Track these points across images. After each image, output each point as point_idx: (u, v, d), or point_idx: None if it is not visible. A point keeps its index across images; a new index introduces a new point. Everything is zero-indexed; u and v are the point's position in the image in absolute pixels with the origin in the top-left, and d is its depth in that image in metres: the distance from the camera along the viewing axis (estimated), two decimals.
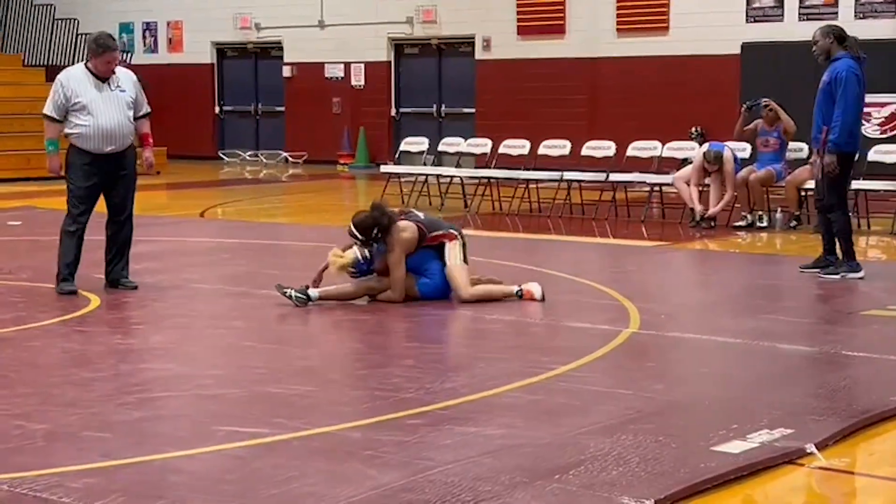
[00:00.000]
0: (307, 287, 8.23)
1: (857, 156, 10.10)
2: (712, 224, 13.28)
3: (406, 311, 8.21)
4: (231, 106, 25.58)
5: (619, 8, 20.62)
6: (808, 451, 5.08)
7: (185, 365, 6.67)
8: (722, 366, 6.79)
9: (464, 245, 8.51)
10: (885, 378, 6.36)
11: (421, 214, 8.74)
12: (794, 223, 13.18)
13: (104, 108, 8.83)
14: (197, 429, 5.36)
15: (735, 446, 5.10)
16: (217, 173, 22.88)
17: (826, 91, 9.52)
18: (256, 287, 8.92)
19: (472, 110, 22.33)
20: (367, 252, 8.35)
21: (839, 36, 9.68)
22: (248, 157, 25.07)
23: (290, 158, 24.39)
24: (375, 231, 8.33)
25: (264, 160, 24.79)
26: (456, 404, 5.79)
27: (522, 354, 6.94)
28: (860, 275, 9.52)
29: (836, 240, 9.67)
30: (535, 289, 8.48)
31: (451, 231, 8.53)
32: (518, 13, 21.52)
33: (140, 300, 8.64)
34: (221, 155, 25.34)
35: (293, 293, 8.17)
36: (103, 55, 8.85)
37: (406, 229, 8.38)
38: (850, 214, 12.40)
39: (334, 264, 8.29)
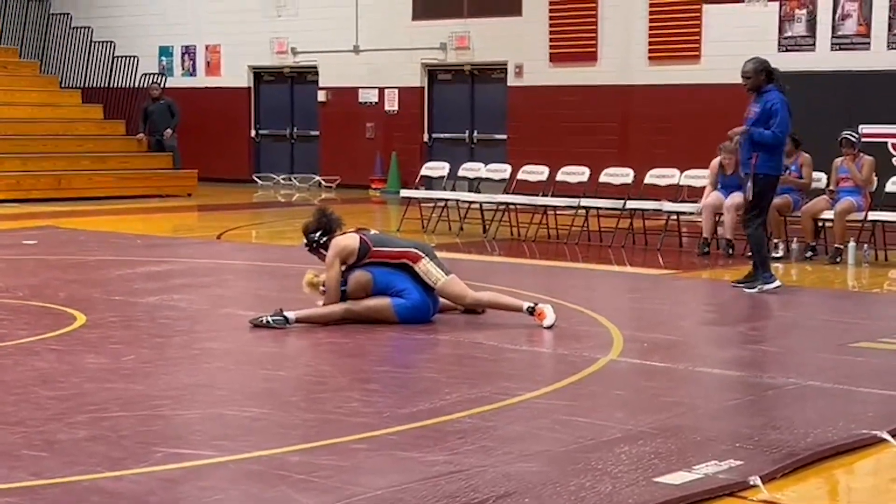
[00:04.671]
0: (281, 310, 8.19)
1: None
2: (730, 252, 13.13)
3: (385, 335, 8.14)
4: (267, 129, 25.70)
5: (651, 36, 20.48)
6: (752, 483, 4.95)
7: (148, 385, 6.63)
8: (690, 395, 6.65)
9: (439, 264, 8.46)
10: (853, 411, 6.20)
11: (374, 231, 8.73)
12: (809, 254, 12.98)
13: None
14: (136, 449, 5.31)
15: (678, 477, 4.99)
16: (250, 196, 22.97)
17: (755, 121, 10.27)
18: (244, 308, 8.89)
19: (504, 136, 22.27)
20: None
21: (769, 70, 10.39)
22: (281, 181, 25.15)
23: (323, 182, 24.44)
24: (319, 234, 8.39)
25: (297, 184, 24.86)
26: (406, 430, 5.70)
27: (492, 380, 6.84)
28: (776, 285, 10.38)
29: (752, 252, 10.60)
30: (547, 311, 8.36)
31: (412, 251, 8.46)
32: (550, 40, 21.45)
33: (125, 320, 8.63)
34: (256, 178, 25.44)
35: (269, 319, 8.14)
36: None
37: (345, 237, 8.42)
38: (865, 244, 12.52)
39: (306, 284, 8.28)
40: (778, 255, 13.01)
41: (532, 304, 8.45)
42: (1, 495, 4.63)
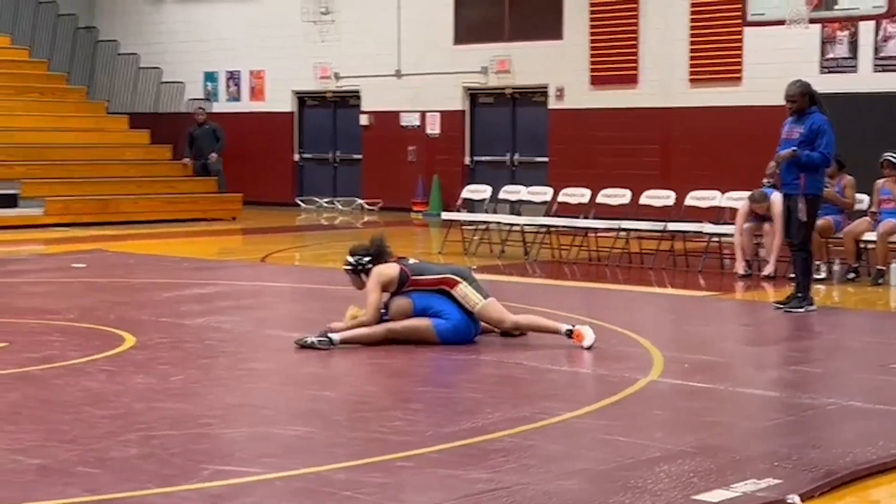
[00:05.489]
0: (326, 331, 8.33)
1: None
2: (771, 275, 13.15)
3: (427, 356, 8.26)
4: (310, 153, 25.95)
5: (692, 58, 20.55)
6: (790, 502, 5.02)
7: (196, 404, 6.78)
8: (730, 415, 6.71)
9: (478, 287, 8.57)
10: (894, 431, 6.24)
11: (413, 261, 8.84)
12: (852, 275, 13.00)
13: None
14: (185, 466, 5.44)
15: (716, 495, 5.06)
16: (293, 219, 23.18)
17: (800, 143, 10.31)
18: (288, 330, 9.02)
19: (545, 159, 22.38)
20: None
21: (811, 93, 10.50)
22: (324, 204, 25.36)
23: (365, 205, 24.63)
24: (367, 259, 8.52)
25: (340, 207, 25.07)
26: (449, 448, 5.81)
27: (533, 401, 6.93)
28: (813, 308, 10.51)
29: (796, 275, 10.65)
30: (586, 332, 8.45)
31: (450, 277, 8.58)
32: (591, 63, 21.56)
33: (174, 342, 8.79)
34: (299, 201, 25.67)
35: (313, 340, 8.27)
36: None
37: (387, 267, 8.57)
38: None
39: (349, 319, 8.45)
40: (820, 277, 13.00)
41: (570, 327, 8.54)
42: None
